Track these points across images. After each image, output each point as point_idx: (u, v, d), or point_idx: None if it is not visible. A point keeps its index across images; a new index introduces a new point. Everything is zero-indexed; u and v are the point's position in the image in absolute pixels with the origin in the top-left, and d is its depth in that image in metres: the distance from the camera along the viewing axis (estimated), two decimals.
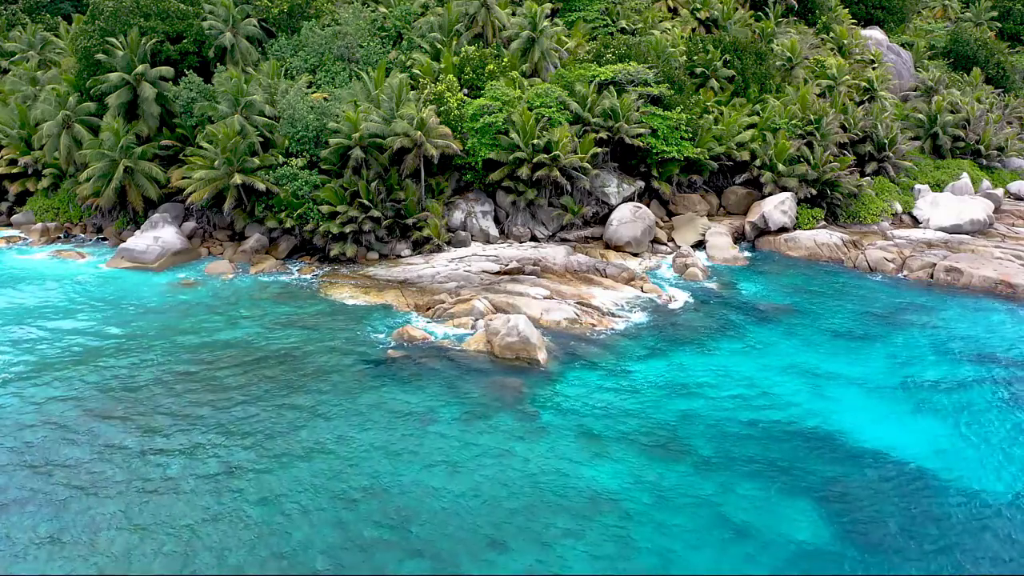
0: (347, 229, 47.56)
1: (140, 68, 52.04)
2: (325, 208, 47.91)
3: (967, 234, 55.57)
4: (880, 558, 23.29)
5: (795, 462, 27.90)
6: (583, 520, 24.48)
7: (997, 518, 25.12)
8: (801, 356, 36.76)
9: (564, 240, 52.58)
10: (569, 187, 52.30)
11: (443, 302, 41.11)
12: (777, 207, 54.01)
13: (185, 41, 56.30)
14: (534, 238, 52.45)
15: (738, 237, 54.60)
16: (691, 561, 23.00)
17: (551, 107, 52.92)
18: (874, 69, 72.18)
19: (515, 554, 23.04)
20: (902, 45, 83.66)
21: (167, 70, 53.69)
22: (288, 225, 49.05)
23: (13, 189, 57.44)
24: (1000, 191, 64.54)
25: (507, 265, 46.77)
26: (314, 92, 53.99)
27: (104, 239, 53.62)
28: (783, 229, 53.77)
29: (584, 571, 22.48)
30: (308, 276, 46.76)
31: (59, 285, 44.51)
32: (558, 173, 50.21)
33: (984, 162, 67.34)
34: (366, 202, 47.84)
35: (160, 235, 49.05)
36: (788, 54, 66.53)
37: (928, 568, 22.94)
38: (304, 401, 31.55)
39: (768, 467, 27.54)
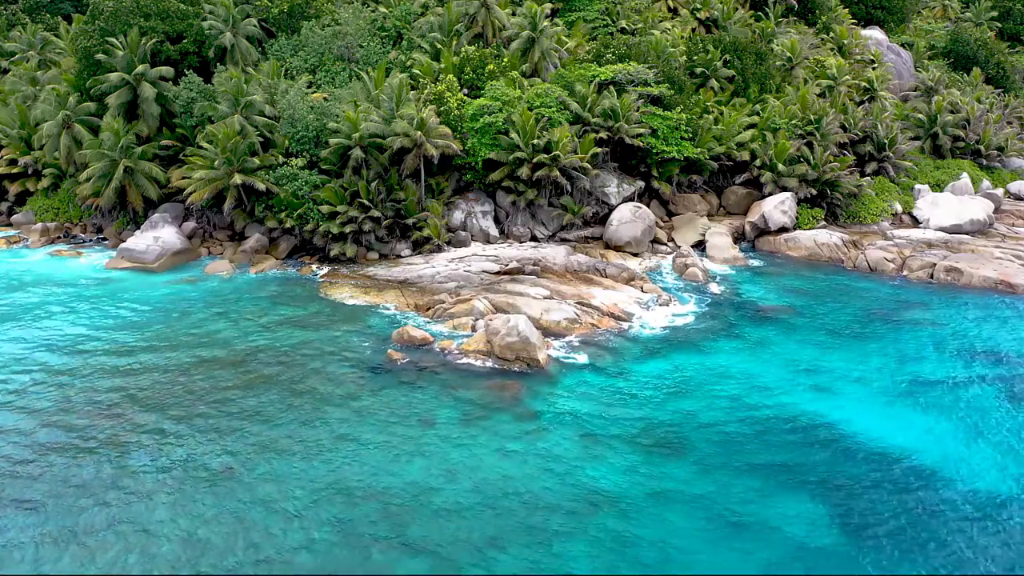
0: (347, 229, 47.57)
1: (140, 68, 52.09)
2: (325, 208, 47.92)
3: (967, 234, 55.58)
4: (879, 556, 23.28)
5: (795, 460, 27.90)
6: (582, 520, 24.48)
7: (997, 516, 25.11)
8: (801, 355, 36.77)
9: (564, 240, 52.57)
10: (569, 187, 52.30)
11: (443, 302, 41.11)
12: (777, 207, 54.01)
13: (185, 41, 56.34)
14: (534, 238, 52.44)
15: (738, 237, 54.60)
16: (691, 560, 22.98)
17: (551, 107, 52.90)
18: (874, 69, 72.19)
19: (514, 554, 23.03)
20: (902, 45, 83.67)
21: (167, 70, 53.74)
22: (288, 225, 49.09)
23: (13, 189, 57.50)
24: (1000, 191, 64.55)
25: (507, 265, 46.75)
26: (314, 92, 54.00)
27: (104, 239, 53.65)
28: (783, 229, 53.78)
29: (583, 571, 22.47)
30: (308, 276, 46.77)
31: (59, 285, 44.52)
32: (558, 173, 50.21)
33: (984, 162, 67.39)
34: (366, 202, 47.84)
35: (160, 235, 49.06)
36: (788, 54, 66.55)
37: (928, 567, 22.93)
38: (303, 401, 31.56)
39: (768, 466, 27.52)
